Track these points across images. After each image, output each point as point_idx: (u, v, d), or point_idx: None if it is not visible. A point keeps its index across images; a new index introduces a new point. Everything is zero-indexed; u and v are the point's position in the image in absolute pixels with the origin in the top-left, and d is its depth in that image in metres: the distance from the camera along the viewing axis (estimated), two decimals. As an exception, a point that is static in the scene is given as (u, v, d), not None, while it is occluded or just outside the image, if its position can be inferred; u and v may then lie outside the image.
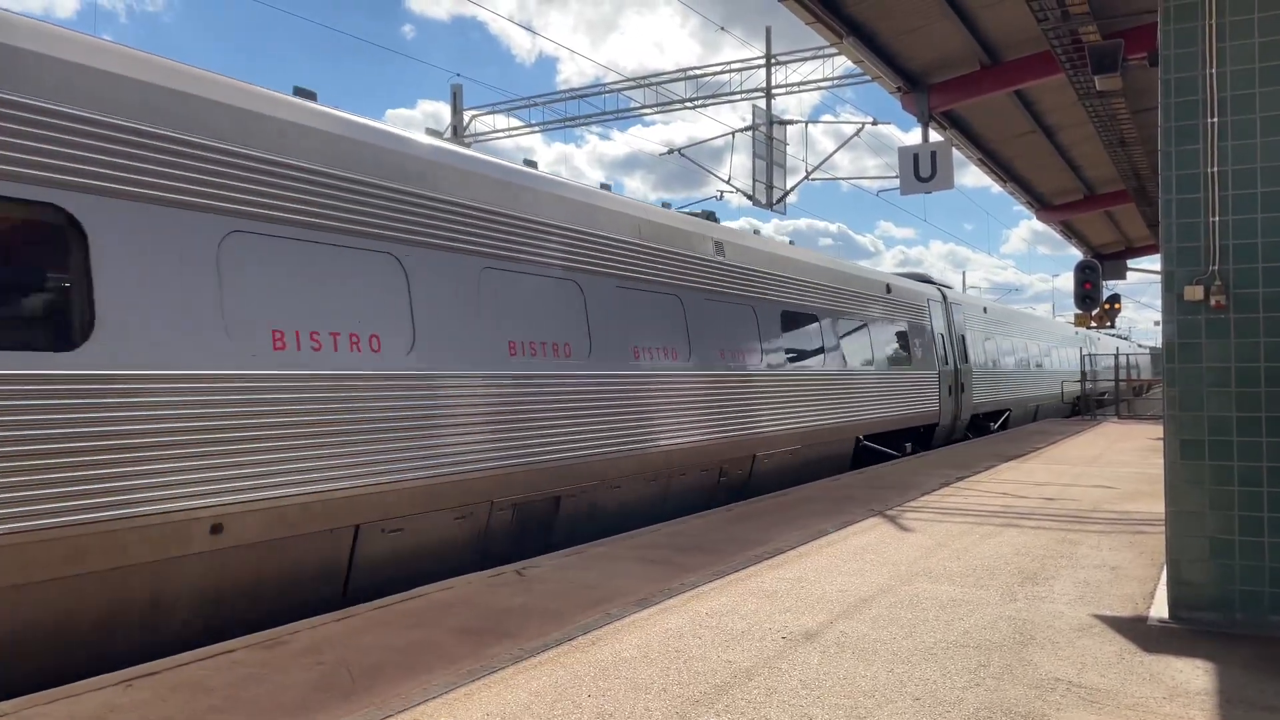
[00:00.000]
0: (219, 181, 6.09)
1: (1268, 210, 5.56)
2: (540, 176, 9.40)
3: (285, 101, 6.86)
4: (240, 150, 6.27)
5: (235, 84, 6.54)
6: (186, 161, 5.92)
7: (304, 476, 6.31)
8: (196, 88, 6.17)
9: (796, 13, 10.61)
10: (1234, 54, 5.65)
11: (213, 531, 5.76)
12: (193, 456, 5.67)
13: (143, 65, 5.91)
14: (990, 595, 6.34)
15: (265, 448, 6.09)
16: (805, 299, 14.18)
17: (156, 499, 5.46)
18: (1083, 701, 4.36)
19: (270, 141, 6.50)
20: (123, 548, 5.32)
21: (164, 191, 5.77)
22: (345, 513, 6.61)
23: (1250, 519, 5.55)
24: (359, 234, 7.02)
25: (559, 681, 4.66)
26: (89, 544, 5.15)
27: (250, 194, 6.27)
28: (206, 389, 5.79)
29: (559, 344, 8.76)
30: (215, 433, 5.80)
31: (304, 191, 6.64)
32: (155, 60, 6.07)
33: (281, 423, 6.20)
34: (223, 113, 6.24)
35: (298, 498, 6.26)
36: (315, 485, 6.36)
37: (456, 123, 29.33)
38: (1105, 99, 12.14)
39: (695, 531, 8.83)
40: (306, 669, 4.88)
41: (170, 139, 5.85)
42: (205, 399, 5.77)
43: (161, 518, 5.49)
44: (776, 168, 23.74)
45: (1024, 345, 29.02)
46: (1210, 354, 5.68)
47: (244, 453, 5.96)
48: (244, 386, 5.99)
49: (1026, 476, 13.07)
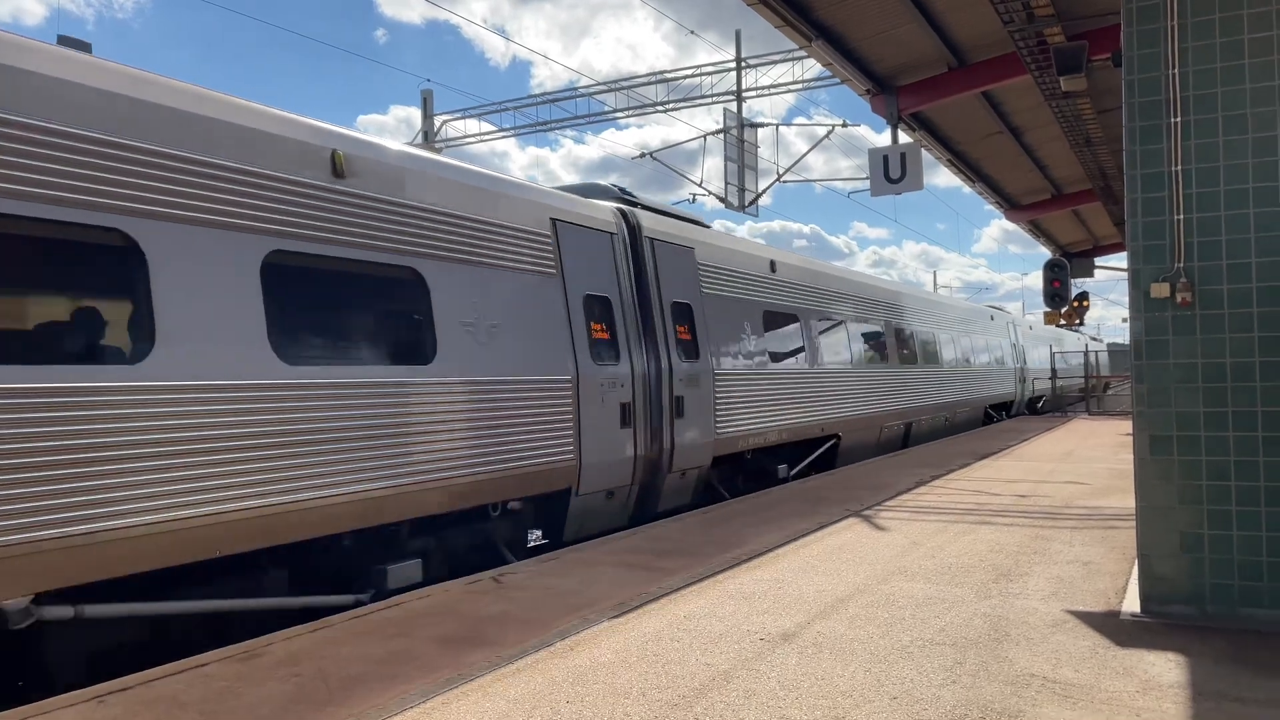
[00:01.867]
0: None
1: (1231, 208, 5.65)
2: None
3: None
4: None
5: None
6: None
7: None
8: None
9: (766, 16, 10.65)
10: (1196, 54, 5.74)
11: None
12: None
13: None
14: (965, 593, 6.39)
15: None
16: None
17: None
18: (1058, 697, 4.40)
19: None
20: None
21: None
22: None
23: (1219, 513, 5.63)
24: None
25: (537, 689, 4.64)
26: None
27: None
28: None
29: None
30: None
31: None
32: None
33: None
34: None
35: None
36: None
37: (427, 128, 29.22)
38: (1071, 99, 12.29)
39: (674, 534, 8.83)
40: (283, 681, 4.84)
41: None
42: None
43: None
44: (748, 170, 23.86)
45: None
46: (1177, 350, 5.76)
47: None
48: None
49: (999, 474, 13.18)
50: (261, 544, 6.20)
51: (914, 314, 20.86)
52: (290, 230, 6.61)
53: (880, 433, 18.10)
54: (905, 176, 13.27)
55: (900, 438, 19.56)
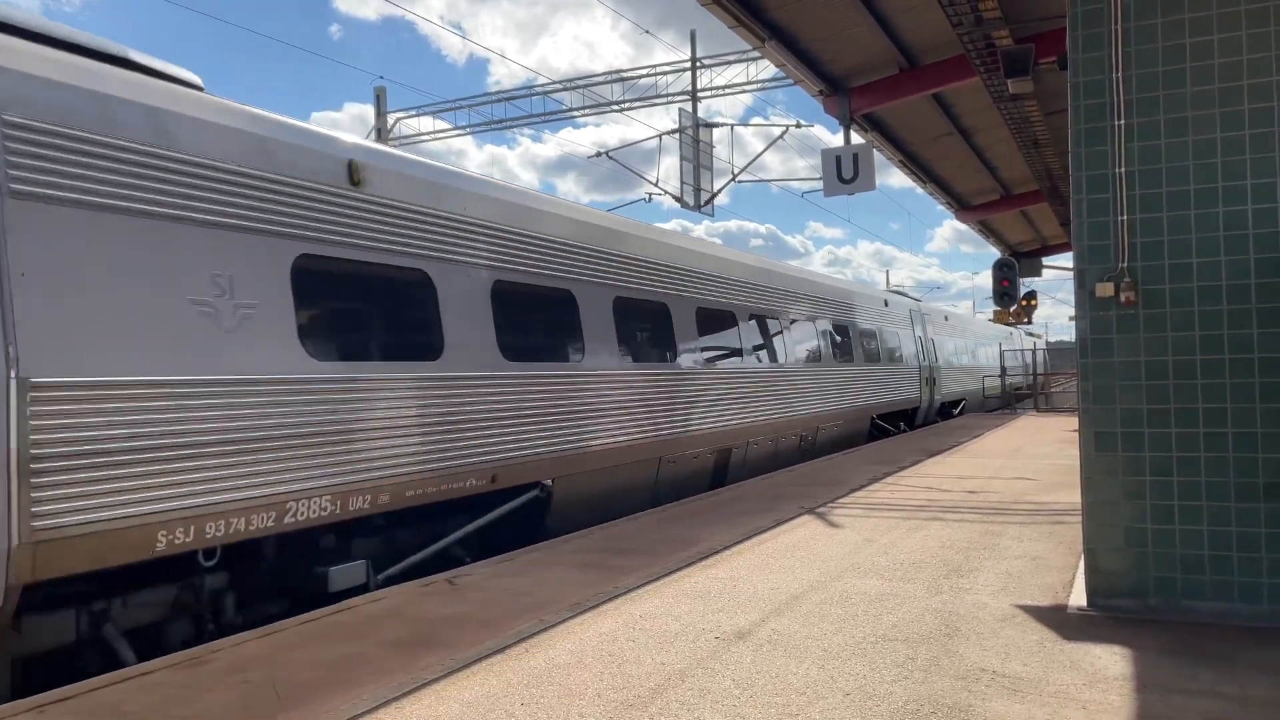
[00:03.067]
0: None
1: (1173, 209, 5.78)
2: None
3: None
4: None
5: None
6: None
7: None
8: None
9: (720, 16, 10.68)
10: (1139, 58, 5.86)
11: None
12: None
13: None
14: (917, 589, 6.46)
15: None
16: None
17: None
18: (1006, 691, 4.47)
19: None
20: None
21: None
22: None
23: (1162, 508, 5.75)
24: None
25: (491, 691, 4.61)
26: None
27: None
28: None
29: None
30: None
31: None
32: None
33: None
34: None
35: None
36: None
37: (381, 125, 28.91)
38: (1019, 102, 12.49)
39: (630, 533, 8.83)
40: (231, 688, 4.75)
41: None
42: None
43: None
44: (704, 170, 23.93)
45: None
46: (1121, 348, 5.87)
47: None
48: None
49: (950, 470, 13.37)
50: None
51: (731, 292, 14.09)
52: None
53: (643, 474, 11.41)
54: (858, 177, 13.40)
55: (705, 473, 13.18)
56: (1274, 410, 5.54)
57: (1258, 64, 5.60)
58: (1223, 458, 5.64)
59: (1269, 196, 5.57)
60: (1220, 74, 5.68)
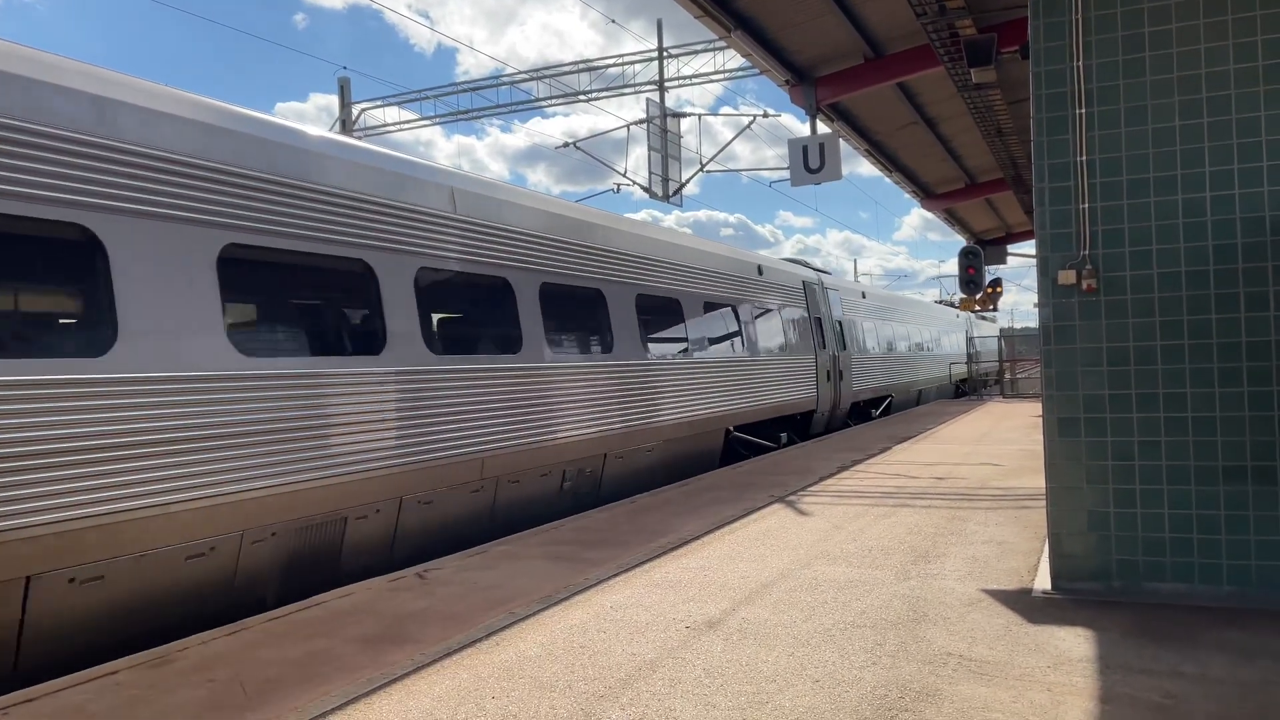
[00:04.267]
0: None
1: (1133, 197, 5.85)
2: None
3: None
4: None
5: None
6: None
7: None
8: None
9: (685, 6, 10.67)
10: (1099, 47, 5.92)
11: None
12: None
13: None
14: (885, 575, 6.51)
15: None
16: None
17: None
18: (973, 674, 4.52)
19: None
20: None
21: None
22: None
23: (1124, 491, 5.84)
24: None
25: (462, 685, 4.59)
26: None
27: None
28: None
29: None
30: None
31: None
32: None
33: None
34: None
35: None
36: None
37: (345, 116, 28.60)
38: (982, 91, 12.58)
39: (601, 525, 8.83)
40: (196, 687, 4.70)
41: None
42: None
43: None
44: (672, 160, 23.89)
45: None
46: (1084, 335, 5.95)
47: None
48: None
49: (918, 457, 13.49)
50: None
51: (508, 245, 9.67)
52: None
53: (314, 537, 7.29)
54: (824, 167, 13.46)
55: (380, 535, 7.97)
56: (1233, 394, 5.64)
57: (1214, 53, 5.68)
58: (1183, 442, 5.73)
59: (1226, 184, 5.65)
60: (1179, 63, 5.76)
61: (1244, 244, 5.62)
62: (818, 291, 19.96)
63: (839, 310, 21.25)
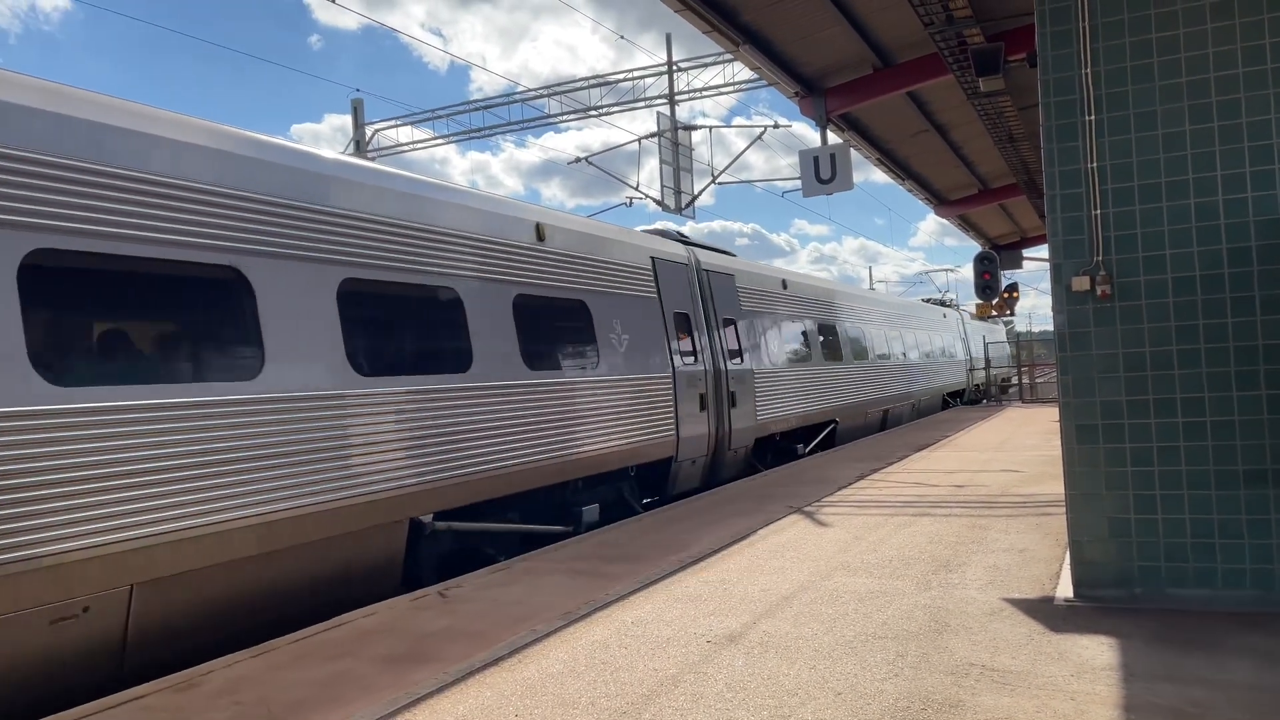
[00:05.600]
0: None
1: (1145, 202, 5.85)
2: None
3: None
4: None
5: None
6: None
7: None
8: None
9: (693, 22, 10.74)
10: (1107, 54, 5.93)
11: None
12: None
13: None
14: (906, 585, 6.50)
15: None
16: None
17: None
18: (996, 684, 4.51)
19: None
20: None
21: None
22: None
23: (1144, 497, 5.82)
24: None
25: (485, 704, 4.62)
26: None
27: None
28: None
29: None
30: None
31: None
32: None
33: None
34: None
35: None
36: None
37: (359, 137, 28.86)
38: (992, 98, 12.60)
39: (621, 539, 8.85)
40: (223, 710, 4.75)
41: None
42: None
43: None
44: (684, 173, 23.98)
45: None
46: (1099, 341, 5.94)
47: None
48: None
49: (937, 465, 13.44)
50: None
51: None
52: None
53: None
54: (836, 177, 13.47)
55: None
56: (1250, 398, 5.62)
57: (1223, 57, 5.68)
58: (1202, 446, 5.71)
59: (1239, 187, 5.65)
60: (1187, 67, 5.77)
61: (1258, 246, 5.61)
62: (687, 276, 13.54)
63: (734, 306, 14.94)
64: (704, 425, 13.23)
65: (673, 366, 12.40)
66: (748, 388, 14.75)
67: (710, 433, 13.43)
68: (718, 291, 14.49)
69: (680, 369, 12.57)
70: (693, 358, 13.11)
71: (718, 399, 13.74)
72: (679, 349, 12.70)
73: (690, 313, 13.42)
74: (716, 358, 13.92)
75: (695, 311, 13.61)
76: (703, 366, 13.37)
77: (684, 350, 12.90)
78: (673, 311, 12.82)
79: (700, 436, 13.07)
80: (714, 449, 13.64)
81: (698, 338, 13.48)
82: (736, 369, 14.46)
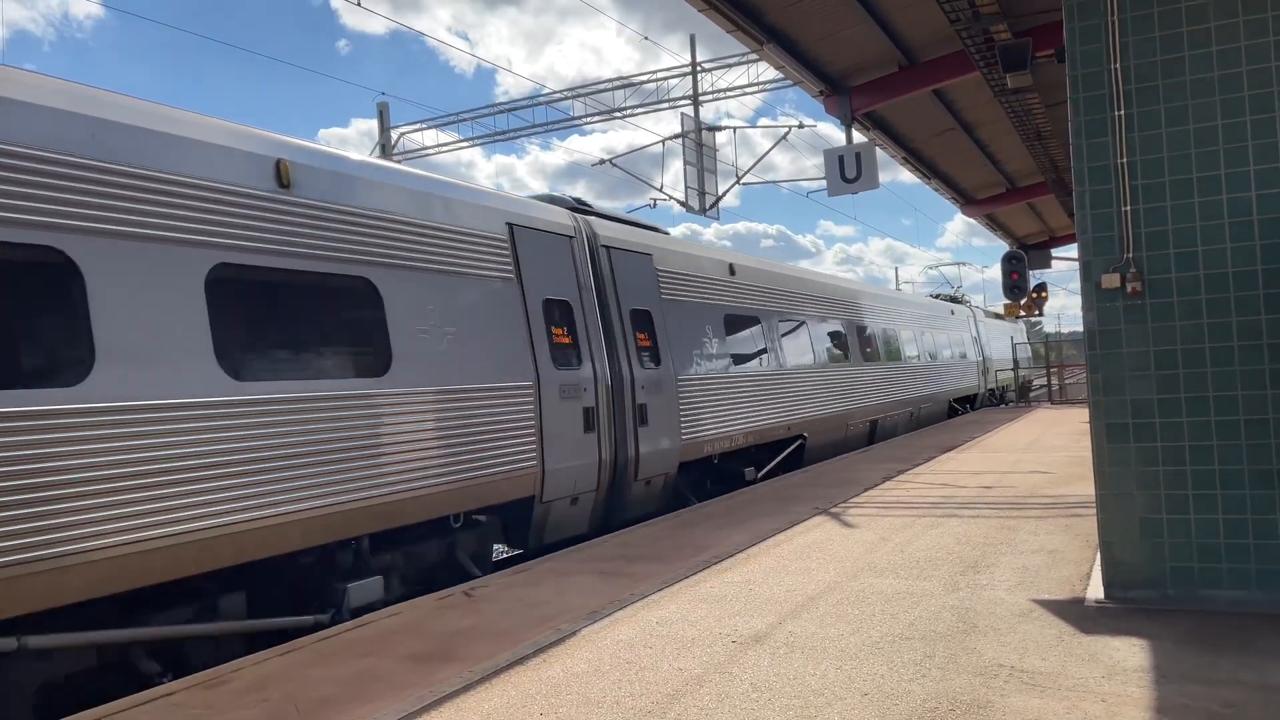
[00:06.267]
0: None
1: (1176, 198, 5.77)
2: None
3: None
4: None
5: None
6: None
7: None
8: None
9: (717, 21, 10.72)
10: (1136, 48, 5.86)
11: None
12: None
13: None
14: (933, 586, 6.45)
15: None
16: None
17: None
18: (1026, 686, 4.46)
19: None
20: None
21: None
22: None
23: (1176, 497, 5.74)
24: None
25: (510, 702, 4.63)
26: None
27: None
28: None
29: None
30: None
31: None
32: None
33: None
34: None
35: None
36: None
37: (384, 141, 29.05)
38: (1020, 95, 12.48)
39: (645, 539, 8.84)
40: (251, 707, 4.78)
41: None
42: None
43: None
44: (708, 174, 23.94)
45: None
46: (1130, 339, 5.86)
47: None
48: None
49: (965, 466, 13.33)
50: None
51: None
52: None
53: None
54: (861, 176, 13.40)
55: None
56: (1285, 396, 5.51)
57: (1255, 50, 5.59)
58: (1235, 445, 5.62)
59: (1272, 182, 5.56)
60: (1218, 61, 5.68)
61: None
62: (570, 251, 10.47)
63: (649, 294, 11.78)
64: (592, 451, 9.98)
65: (536, 372, 9.29)
66: (667, 398, 11.50)
67: (603, 460, 10.19)
68: (624, 275, 11.21)
69: (549, 376, 9.46)
70: (575, 360, 10.03)
71: (618, 414, 10.52)
72: (551, 349, 9.63)
73: (573, 301, 10.19)
74: (618, 360, 10.70)
75: (582, 300, 10.36)
76: (590, 372, 10.14)
77: (560, 350, 9.82)
78: (542, 298, 9.69)
79: (584, 466, 9.85)
80: (612, 481, 10.45)
81: (585, 334, 10.26)
82: (651, 375, 11.21)
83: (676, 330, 12.10)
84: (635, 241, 11.87)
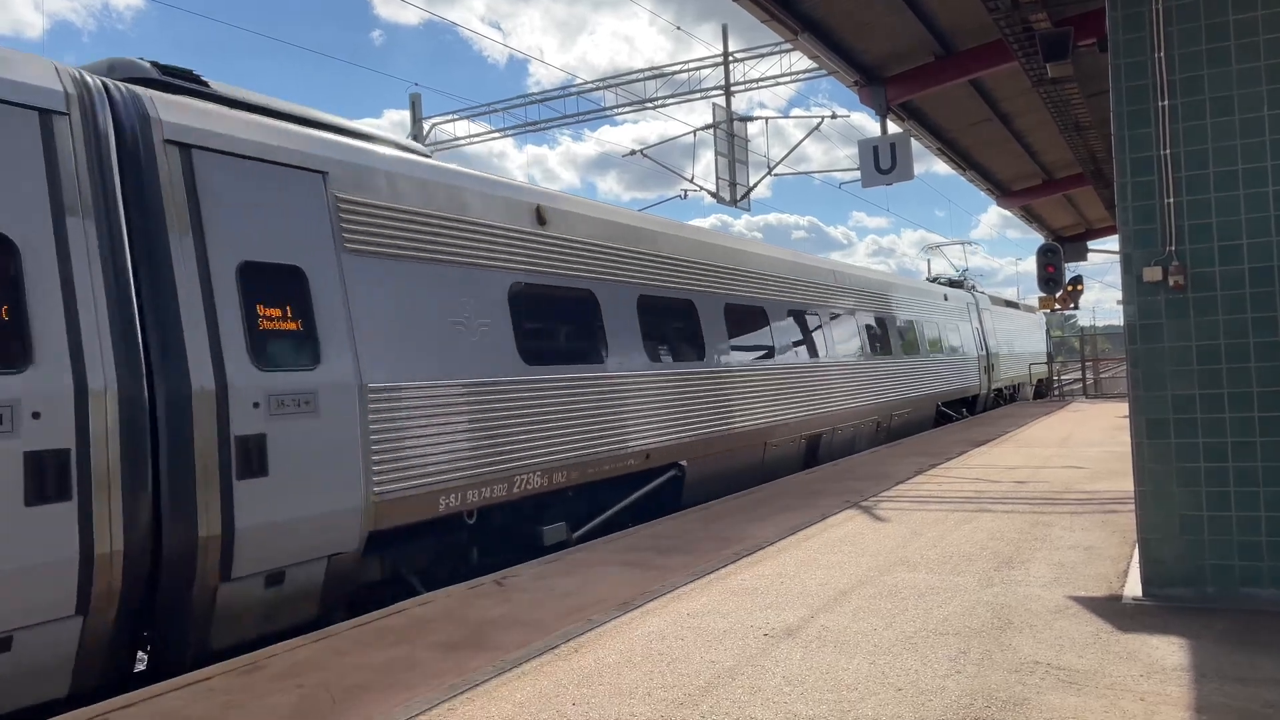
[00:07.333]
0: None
1: (1221, 190, 5.66)
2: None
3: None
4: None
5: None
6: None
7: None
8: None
9: (751, 10, 10.65)
10: (1181, 37, 5.74)
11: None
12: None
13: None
14: (967, 581, 6.39)
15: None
16: None
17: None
18: (1062, 683, 4.41)
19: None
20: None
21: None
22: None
23: (1217, 494, 5.64)
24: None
25: (542, 691, 4.64)
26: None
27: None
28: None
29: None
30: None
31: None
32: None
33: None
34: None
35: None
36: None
37: (416, 132, 29.18)
38: (1058, 85, 12.27)
39: (675, 532, 8.84)
40: (286, 693, 4.84)
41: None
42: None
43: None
44: (739, 165, 23.82)
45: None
46: (1171, 334, 5.77)
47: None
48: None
49: (998, 460, 13.20)
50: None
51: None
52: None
53: None
54: (895, 167, 13.28)
55: None
56: (1332, 392, 5.40)
57: (1306, 38, 5.46)
58: (1278, 442, 5.51)
59: (1321, 173, 5.43)
60: (1265, 50, 5.56)
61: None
62: (49, 143, 5.36)
63: (284, 237, 6.68)
64: (70, 543, 5.11)
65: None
66: (336, 421, 6.72)
67: (98, 554, 5.24)
68: (231, 199, 6.35)
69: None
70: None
71: (173, 467, 5.68)
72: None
73: (17, 237, 5.19)
74: (185, 356, 5.84)
75: (59, 234, 5.37)
76: (50, 380, 5.14)
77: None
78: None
79: (47, 581, 5.05)
80: (150, 590, 5.67)
81: (57, 305, 5.27)
82: (292, 381, 6.47)
83: (387, 305, 7.40)
84: (279, 146, 6.82)
